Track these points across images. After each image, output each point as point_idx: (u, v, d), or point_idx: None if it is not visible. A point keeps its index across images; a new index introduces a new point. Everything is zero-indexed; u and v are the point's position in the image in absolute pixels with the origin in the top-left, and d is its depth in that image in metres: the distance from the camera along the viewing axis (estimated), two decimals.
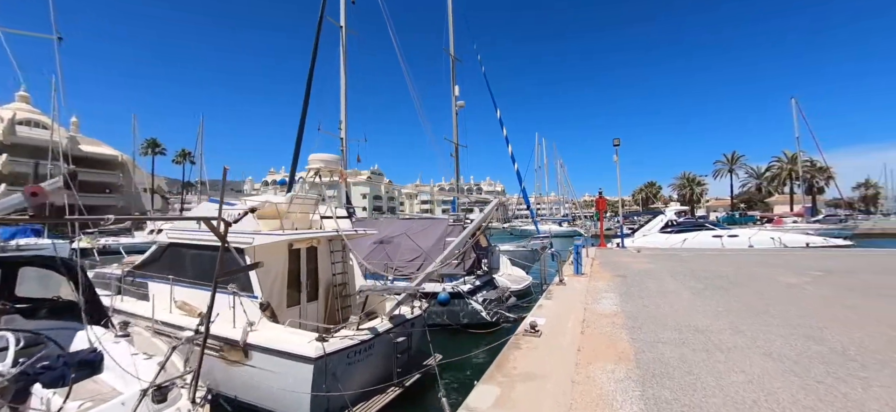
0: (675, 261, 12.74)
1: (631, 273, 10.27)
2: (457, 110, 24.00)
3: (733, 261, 12.26)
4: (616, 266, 11.83)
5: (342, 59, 13.92)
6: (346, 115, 13.76)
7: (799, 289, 7.55)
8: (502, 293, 10.38)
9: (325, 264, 7.69)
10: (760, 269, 10.25)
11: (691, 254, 14.66)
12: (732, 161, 71.83)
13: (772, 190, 74.61)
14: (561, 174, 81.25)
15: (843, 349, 4.09)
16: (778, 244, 18.61)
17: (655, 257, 14.08)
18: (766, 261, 11.89)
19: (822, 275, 9.10)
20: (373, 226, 12.56)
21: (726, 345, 4.35)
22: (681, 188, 74.46)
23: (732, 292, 7.36)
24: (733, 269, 10.30)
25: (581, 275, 10.03)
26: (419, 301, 7.76)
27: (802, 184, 60.78)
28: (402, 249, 11.11)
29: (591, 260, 13.56)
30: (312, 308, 7.48)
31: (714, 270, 10.21)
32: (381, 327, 6.07)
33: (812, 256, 13.35)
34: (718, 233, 19.92)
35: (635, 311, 6.03)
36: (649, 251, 16.75)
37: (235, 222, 3.53)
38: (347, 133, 13.70)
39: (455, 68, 23.35)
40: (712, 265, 11.29)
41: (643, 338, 4.67)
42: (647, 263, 12.27)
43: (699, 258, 13.34)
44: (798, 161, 57.42)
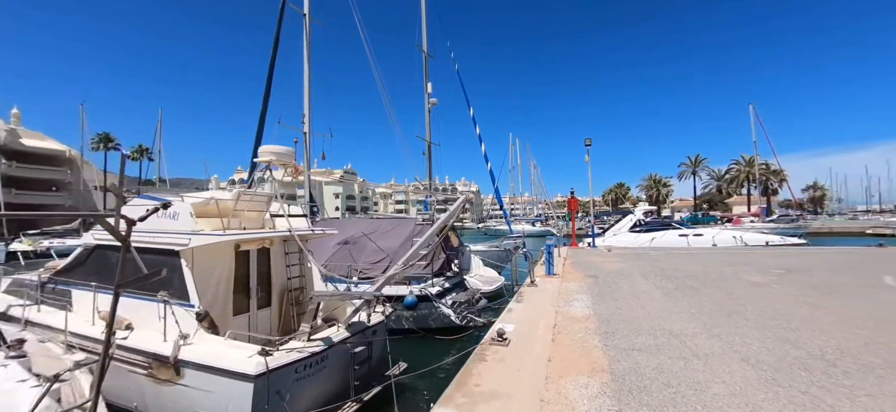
0: (644, 260, 12.77)
1: (603, 273, 10.11)
2: (430, 107, 23.51)
3: (700, 259, 12.41)
4: (588, 266, 11.69)
5: (305, 48, 13.13)
6: (310, 109, 12.99)
7: (765, 287, 7.55)
8: (472, 295, 9.99)
9: (280, 267, 7.01)
10: (727, 268, 10.35)
11: (660, 253, 14.81)
12: (696, 163, 75.08)
13: (731, 191, 78.53)
14: (534, 174, 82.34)
15: (822, 353, 3.91)
16: (739, 242, 19.24)
17: (626, 256, 14.10)
18: (731, 260, 12.08)
19: (784, 273, 9.23)
20: (336, 226, 11.88)
21: (703, 351, 4.09)
22: (648, 189, 77.17)
23: (703, 292, 7.25)
24: (701, 268, 10.36)
25: (553, 275, 9.77)
26: (383, 306, 7.23)
27: (759, 186, 64.20)
28: (368, 250, 10.52)
29: (563, 260, 13.40)
30: (264, 316, 6.79)
31: (683, 269, 10.21)
32: (336, 336, 5.50)
33: (772, 254, 13.74)
34: (684, 232, 20.40)
35: (608, 314, 5.75)
36: (619, 250, 16.86)
37: (141, 221, 2.90)
38: (311, 127, 12.91)
39: (428, 65, 22.87)
40: (681, 264, 11.35)
41: (617, 345, 4.36)
42: (618, 263, 12.21)
43: (668, 257, 13.45)
44: (755, 164, 60.55)
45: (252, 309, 6.57)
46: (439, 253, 10.38)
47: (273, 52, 13.50)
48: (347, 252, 10.63)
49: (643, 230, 21.08)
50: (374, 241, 10.62)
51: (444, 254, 10.49)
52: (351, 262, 10.34)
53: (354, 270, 10.30)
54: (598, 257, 14.03)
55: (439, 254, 10.42)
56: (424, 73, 22.67)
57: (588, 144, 18.57)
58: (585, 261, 12.96)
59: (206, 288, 5.75)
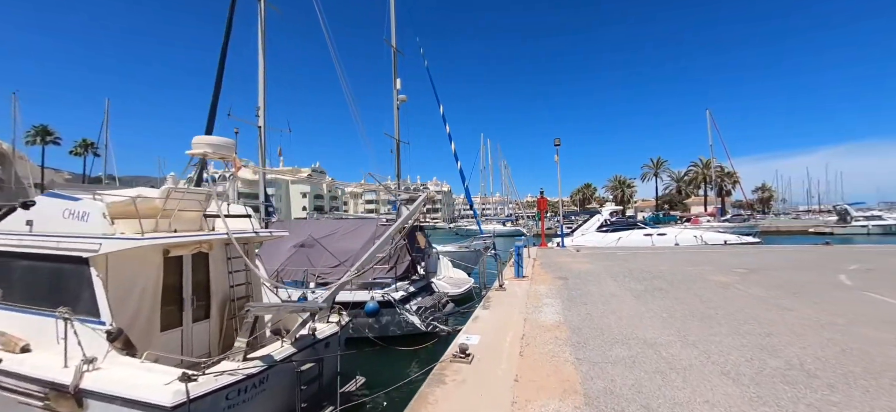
0: (612, 260, 12.74)
1: (572, 274, 9.89)
2: (398, 104, 22.84)
3: (665, 259, 12.53)
4: (557, 267, 11.48)
5: (260, 35, 12.16)
6: (265, 101, 12.03)
7: (732, 288, 7.52)
8: (439, 300, 9.49)
9: (220, 274, 6.20)
10: (691, 268, 10.41)
11: (627, 253, 14.91)
12: (657, 165, 78.26)
13: (689, 192, 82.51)
14: (505, 175, 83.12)
15: (801, 363, 3.70)
16: (700, 242, 19.86)
17: (594, 256, 14.08)
18: (694, 259, 12.25)
19: (747, 272, 9.34)
20: (295, 227, 11.03)
21: (681, 363, 3.79)
22: (613, 189, 79.71)
23: (672, 294, 7.11)
24: (668, 268, 10.36)
25: (522, 277, 9.44)
26: (340, 315, 6.59)
27: (714, 187, 67.70)
28: (327, 253, 9.79)
29: (532, 260, 13.17)
30: (202, 330, 5.97)
31: (651, 270, 10.17)
32: (279, 353, 4.84)
33: (731, 253, 14.12)
34: (649, 231, 20.84)
35: (579, 322, 5.41)
36: (588, 250, 16.90)
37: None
38: (267, 121, 11.95)
39: (397, 61, 22.19)
40: (648, 264, 11.36)
41: (590, 358, 3.99)
42: (586, 263, 12.10)
43: (635, 257, 13.52)
44: (711, 167, 63.74)
45: (186, 323, 5.75)
46: (404, 255, 9.82)
47: (225, 39, 12.42)
48: (305, 255, 9.85)
49: (610, 230, 21.38)
50: (334, 244, 9.92)
51: (408, 257, 9.93)
52: (308, 267, 9.58)
53: (312, 275, 9.55)
54: (568, 258, 13.93)
55: (404, 256, 9.85)
56: (393, 69, 21.97)
57: (557, 144, 18.55)
58: (555, 261, 12.79)
59: (124, 301, 4.92)
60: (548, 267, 11.50)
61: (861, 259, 11.28)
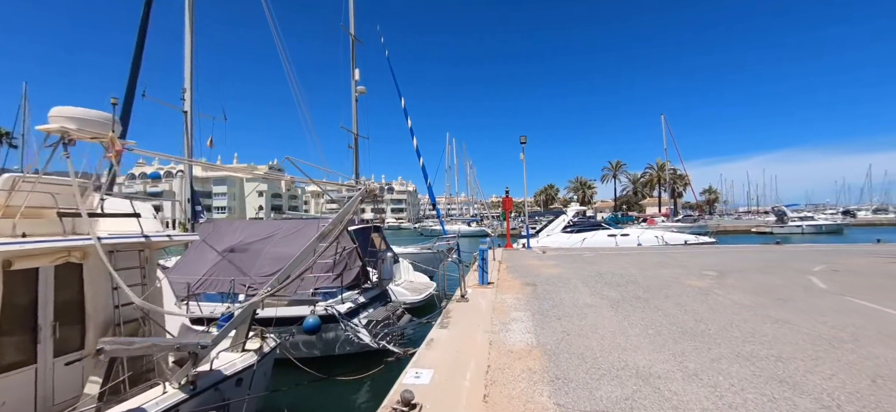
0: (581, 262, 12.13)
1: (541, 280, 9.06)
2: (357, 96, 21.43)
3: (633, 260, 12.09)
4: (524, 271, 10.65)
5: (187, 7, 10.39)
6: (193, 82, 10.28)
7: (712, 295, 6.94)
8: (394, 310, 8.33)
9: (101, 292, 4.71)
10: (663, 270, 9.92)
11: (594, 254, 14.43)
12: (616, 168, 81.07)
13: (644, 194, 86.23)
14: (470, 175, 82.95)
15: (837, 404, 2.92)
16: (661, 242, 19.96)
17: (561, 259, 13.45)
18: (662, 261, 11.89)
19: (719, 276, 8.92)
20: (222, 229, 9.43)
21: (690, 407, 2.91)
22: (575, 190, 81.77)
23: (653, 303, 6.39)
24: (638, 271, 9.81)
25: (487, 285, 8.47)
26: (261, 340, 5.29)
27: (667, 189, 70.92)
28: (263, 259, 8.34)
29: (498, 263, 12.30)
30: (72, 372, 4.44)
31: (622, 273, 9.56)
32: (155, 405, 3.54)
33: (694, 254, 14.00)
34: (613, 232, 20.74)
35: (555, 345, 4.46)
36: (554, 252, 16.34)
37: None
38: (195, 106, 10.19)
39: (355, 49, 20.76)
40: (617, 267, 10.80)
41: (576, 404, 3.03)
42: (554, 266, 11.37)
43: (602, 259, 13.01)
44: (665, 169, 66.66)
45: (42, 360, 4.24)
46: (353, 260, 8.57)
47: (145, 8, 10.58)
48: (235, 262, 8.35)
49: (575, 230, 21.09)
50: (271, 248, 8.48)
51: (358, 262, 8.67)
52: (238, 276, 8.10)
53: (242, 285, 8.08)
54: (535, 260, 13.20)
55: (353, 261, 8.60)
56: (351, 58, 20.57)
57: (523, 142, 17.91)
58: (522, 265, 11.98)
59: None
60: (514, 271, 10.64)
61: (817, 259, 11.34)
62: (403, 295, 11.20)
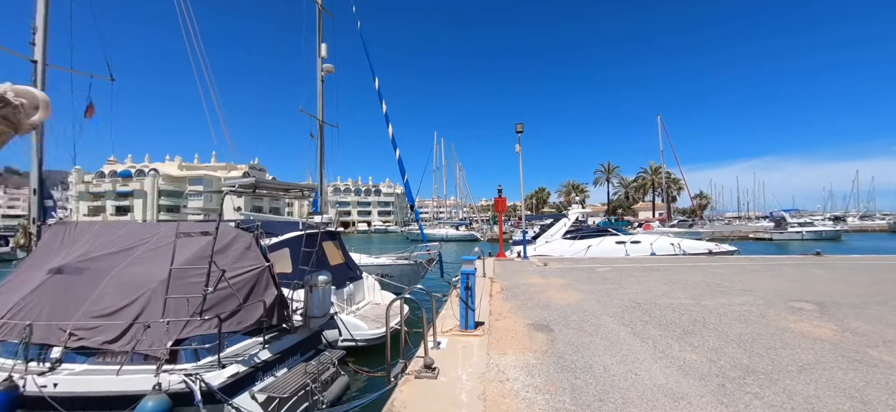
0: (597, 280, 9.13)
1: (555, 317, 5.98)
2: (322, 75, 18.16)
3: (665, 277, 9.16)
4: (527, 297, 7.56)
5: None
6: (48, 19, 6.96)
7: (859, 358, 3.98)
8: (319, 372, 5.15)
9: None
10: (723, 299, 6.95)
11: (609, 269, 11.45)
12: (609, 170, 79.07)
13: (637, 198, 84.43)
14: (459, 177, 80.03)
15: None
16: (678, 250, 17.15)
17: (569, 273, 10.44)
18: (708, 281, 8.95)
19: (821, 310, 5.98)
20: (65, 237, 6.08)
21: None
22: (567, 194, 79.40)
23: (776, 381, 3.39)
24: (689, 298, 6.84)
25: (473, 329, 5.32)
26: None
27: (662, 193, 69.01)
28: (104, 287, 5.09)
29: (489, 282, 9.21)
30: None
31: (669, 303, 6.56)
32: None
33: (737, 269, 11.12)
34: (622, 239, 17.87)
35: None
36: (557, 263, 13.33)
37: None
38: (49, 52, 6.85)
39: (322, 20, 17.53)
40: (652, 289, 7.83)
41: None
42: (566, 288, 8.33)
43: (623, 275, 10.04)
44: (661, 173, 64.69)
45: None
46: (261, 287, 5.36)
47: None
48: (62, 290, 5.09)
49: (578, 237, 18.16)
50: (126, 267, 5.25)
51: (273, 291, 5.46)
52: (56, 313, 4.83)
53: (59, 331, 4.83)
54: (537, 275, 10.16)
55: (261, 289, 5.39)
56: (317, 31, 17.34)
57: (519, 130, 14.91)
58: (521, 284, 8.92)
59: None
60: (513, 297, 7.55)
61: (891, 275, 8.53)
62: (357, 328, 8.01)
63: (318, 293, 5.92)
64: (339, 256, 10.42)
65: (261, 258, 5.68)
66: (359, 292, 10.62)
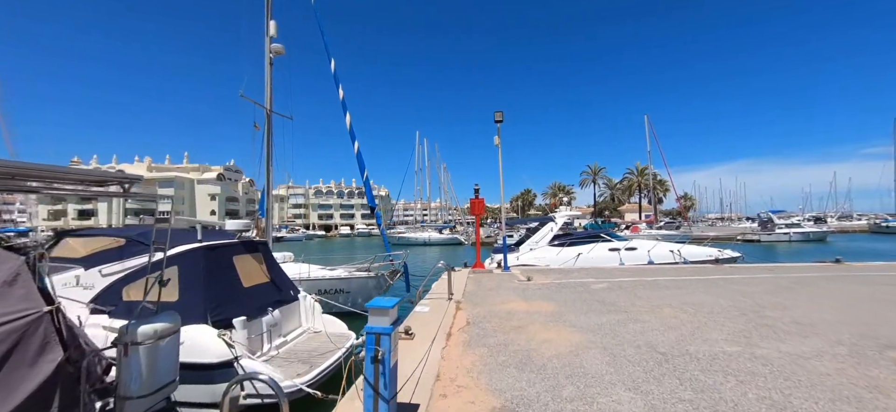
0: (596, 307, 6.95)
1: (538, 385, 3.74)
2: (271, 57, 15.69)
3: (683, 300, 7.07)
4: (499, 342, 5.30)
5: None
6: None
7: None
8: None
9: None
10: (783, 345, 4.84)
11: (606, 285, 9.31)
12: (595, 172, 77.94)
13: (623, 200, 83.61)
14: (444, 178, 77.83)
15: None
16: (678, 258, 15.20)
17: (559, 295, 8.26)
18: (740, 306, 6.88)
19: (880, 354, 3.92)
20: None
21: None
22: (553, 195, 77.98)
23: None
24: (723, 338, 4.72)
25: None
26: None
27: (649, 194, 68.08)
28: None
29: (454, 308, 6.96)
30: None
31: (695, 347, 4.41)
32: None
33: (758, 283, 9.13)
34: (615, 245, 15.83)
35: None
36: (542, 277, 11.15)
37: None
38: None
39: None
40: (666, 318, 5.69)
41: None
42: (556, 323, 6.12)
43: (626, 295, 7.90)
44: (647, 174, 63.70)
45: None
46: (30, 351, 2.99)
47: None
48: None
49: (566, 243, 16.06)
50: None
51: (52, 358, 3.08)
52: None
53: None
54: (517, 298, 7.93)
55: (31, 354, 3.02)
56: (266, 7, 14.91)
57: (498, 120, 12.73)
58: (495, 314, 6.66)
59: None
60: (480, 340, 5.28)
61: None
62: (271, 374, 5.66)
63: (139, 357, 3.52)
64: (262, 273, 8.00)
65: (36, 298, 3.27)
66: (291, 319, 8.21)
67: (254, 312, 6.85)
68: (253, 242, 8.12)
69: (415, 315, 6.65)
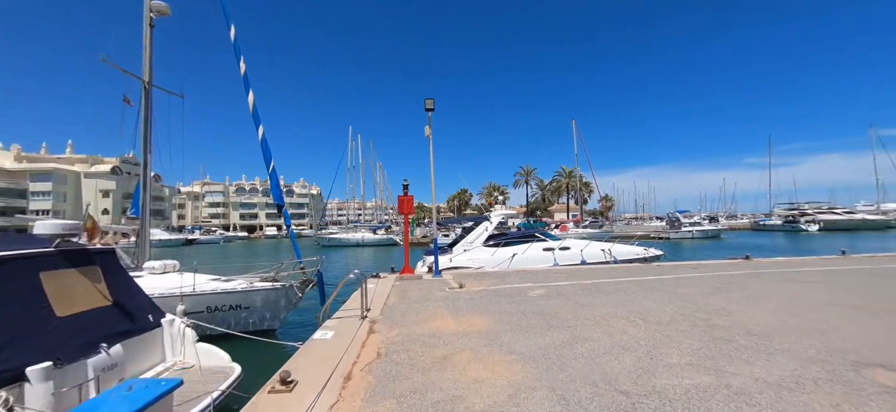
0: (535, 322, 5.93)
1: None
2: (151, 18, 13.04)
3: (620, 306, 6.36)
4: (416, 384, 3.93)
5: None
6: None
7: None
8: None
9: None
10: (735, 366, 4.12)
11: (542, 290, 8.45)
12: (528, 173, 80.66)
13: (552, 200, 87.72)
14: (379, 177, 75.09)
15: None
16: (609, 257, 15.21)
17: (494, 305, 7.15)
18: (675, 310, 6.31)
19: None
20: None
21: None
22: (488, 194, 79.26)
23: None
24: (684, 360, 3.86)
25: None
26: None
27: (575, 195, 71.93)
28: None
29: (366, 329, 5.47)
30: None
31: (658, 380, 3.48)
32: None
33: (693, 284, 8.94)
34: (550, 245, 15.41)
35: None
36: (477, 282, 10.06)
37: None
38: None
39: None
40: (615, 335, 4.81)
41: None
42: (489, 348, 4.92)
43: (564, 303, 7.04)
44: (575, 176, 67.15)
45: None
46: None
47: None
48: None
49: (502, 243, 15.30)
50: None
51: None
52: None
53: None
54: (445, 313, 6.65)
55: None
56: None
57: (429, 108, 11.43)
58: (416, 338, 5.27)
59: None
60: (391, 382, 3.83)
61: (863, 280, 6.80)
62: None
63: None
64: (96, 295, 5.79)
65: None
66: (147, 354, 6.10)
67: (72, 353, 4.76)
68: (83, 252, 5.85)
69: (310, 346, 5.02)
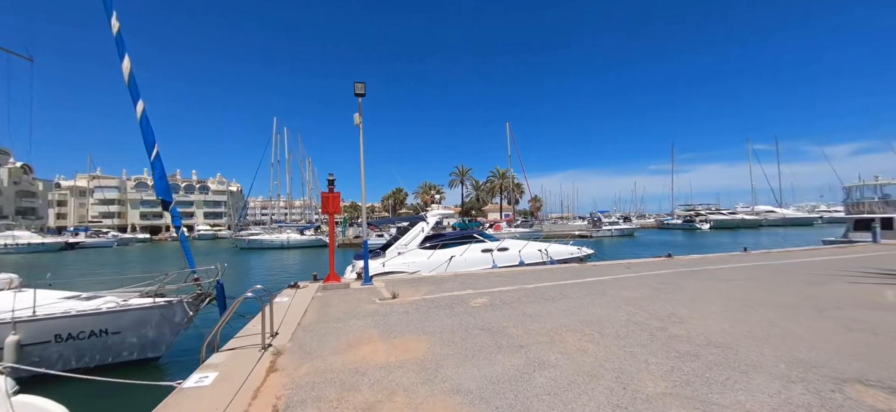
0: (481, 342, 5.03)
1: None
2: None
3: (568, 314, 5.77)
4: None
5: None
6: None
7: None
8: None
9: None
10: (710, 388, 3.60)
11: (485, 299, 7.64)
12: (462, 174, 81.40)
13: (486, 200, 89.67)
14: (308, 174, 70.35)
15: None
16: (546, 257, 15.10)
17: (431, 322, 6.13)
18: (625, 317, 5.86)
19: None
20: None
21: None
22: (424, 193, 78.49)
23: None
24: (656, 388, 3.24)
25: None
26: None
27: (508, 195, 74.10)
28: None
29: (266, 367, 4.11)
30: None
31: None
32: None
33: (637, 285, 8.78)
34: (488, 246, 14.85)
35: None
36: (412, 291, 8.96)
37: None
38: None
39: None
40: (571, 353, 4.09)
41: None
42: (429, 390, 3.87)
43: (509, 314, 6.27)
44: (507, 177, 69.10)
45: None
46: None
47: None
48: None
49: (439, 244, 14.37)
50: None
51: None
52: None
53: None
54: (375, 335, 5.45)
55: None
56: None
57: (359, 93, 10.07)
58: (331, 376, 4.00)
59: None
60: None
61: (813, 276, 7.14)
62: None
63: None
64: None
65: None
66: None
67: None
68: None
69: (177, 397, 3.53)
